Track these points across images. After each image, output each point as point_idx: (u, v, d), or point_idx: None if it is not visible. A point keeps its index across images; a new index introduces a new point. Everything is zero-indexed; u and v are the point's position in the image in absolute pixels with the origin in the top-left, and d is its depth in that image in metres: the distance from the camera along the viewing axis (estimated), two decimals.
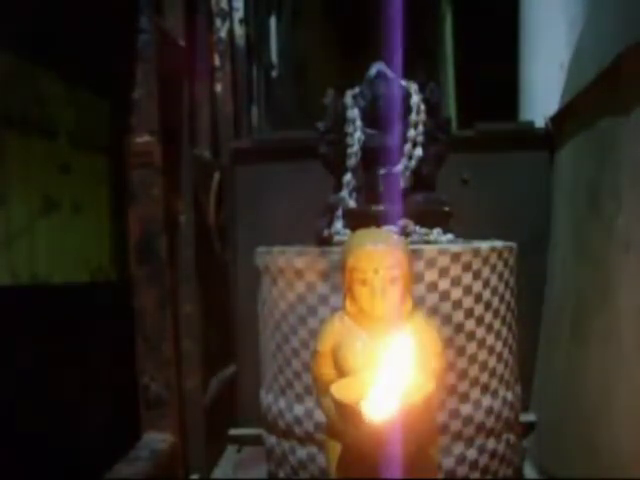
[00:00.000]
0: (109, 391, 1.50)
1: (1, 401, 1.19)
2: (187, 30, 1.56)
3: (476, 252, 1.31)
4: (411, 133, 1.42)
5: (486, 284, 1.32)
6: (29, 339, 1.29)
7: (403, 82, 1.47)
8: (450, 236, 1.42)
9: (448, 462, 1.27)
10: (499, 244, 1.37)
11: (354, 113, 1.44)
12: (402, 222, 1.36)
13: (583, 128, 1.60)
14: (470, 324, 1.30)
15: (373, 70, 1.46)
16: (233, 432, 1.88)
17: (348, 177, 1.44)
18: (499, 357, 1.34)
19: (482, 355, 1.31)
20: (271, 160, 1.94)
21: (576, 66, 1.77)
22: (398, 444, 0.86)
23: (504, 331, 1.36)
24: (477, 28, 3.38)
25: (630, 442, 1.14)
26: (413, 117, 1.43)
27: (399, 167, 1.41)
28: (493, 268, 1.33)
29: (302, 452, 1.33)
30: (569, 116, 1.75)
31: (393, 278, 0.99)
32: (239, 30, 2.17)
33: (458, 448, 1.29)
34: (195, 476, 1.51)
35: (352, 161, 1.43)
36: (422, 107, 1.44)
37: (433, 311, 1.26)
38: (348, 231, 1.36)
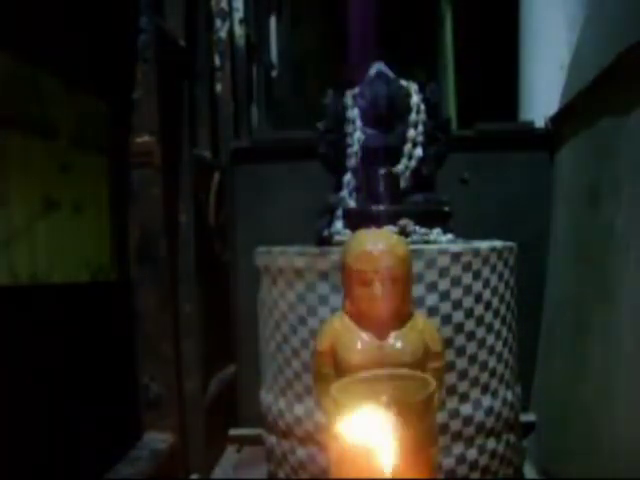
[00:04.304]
0: (109, 391, 1.49)
1: (1, 401, 1.19)
2: (187, 30, 1.56)
3: (476, 252, 1.31)
4: (411, 133, 1.42)
5: (486, 284, 1.32)
6: (29, 339, 1.29)
7: (403, 82, 1.47)
8: (450, 236, 1.42)
9: (448, 462, 1.27)
10: (499, 244, 1.37)
11: (354, 113, 1.44)
12: (402, 222, 1.36)
13: (583, 128, 1.60)
14: (470, 324, 1.30)
15: (373, 70, 1.46)
16: (233, 432, 1.88)
17: (348, 177, 1.44)
18: (499, 357, 1.34)
19: (482, 355, 1.31)
20: (271, 160, 1.94)
21: (576, 66, 1.77)
22: (397, 444, 0.86)
23: (504, 331, 1.36)
24: (477, 28, 3.38)
25: (630, 442, 1.14)
26: (413, 117, 1.43)
27: (399, 167, 1.41)
28: (493, 268, 1.33)
29: (302, 452, 1.33)
30: (569, 116, 1.75)
31: (393, 278, 0.99)
32: (239, 30, 2.17)
33: (458, 448, 1.29)
34: (195, 476, 1.51)
35: (352, 161, 1.43)
36: (422, 107, 1.44)
37: (433, 311, 1.26)
38: (348, 231, 1.36)
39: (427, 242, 1.37)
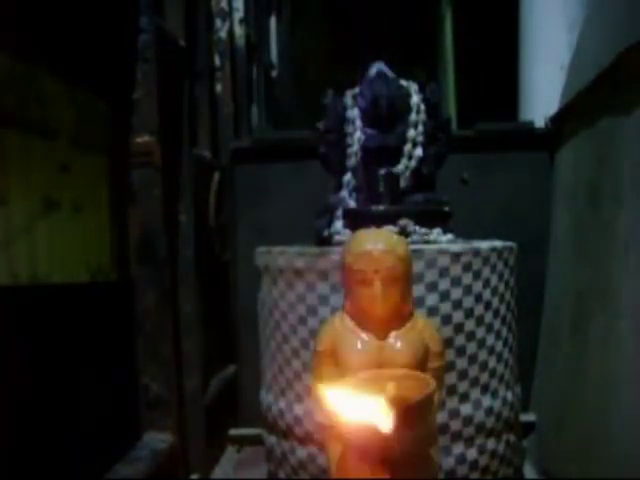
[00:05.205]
0: (109, 391, 1.49)
1: (1, 400, 1.19)
2: (187, 30, 1.56)
3: (476, 252, 1.31)
4: (411, 133, 1.42)
5: (486, 284, 1.32)
6: (29, 339, 1.29)
7: (403, 82, 1.47)
8: (450, 236, 1.42)
9: (448, 462, 1.27)
10: (499, 244, 1.37)
11: (354, 113, 1.44)
12: (402, 222, 1.36)
13: (583, 128, 1.60)
14: (470, 324, 1.30)
15: (373, 70, 1.46)
16: (233, 432, 1.88)
17: (348, 177, 1.44)
18: (499, 357, 1.34)
19: (482, 355, 1.31)
20: (271, 160, 1.94)
21: (576, 66, 1.77)
22: (397, 444, 0.86)
23: (504, 331, 1.36)
24: (477, 28, 3.38)
25: (630, 442, 1.14)
26: (413, 117, 1.43)
27: (399, 167, 1.41)
28: (493, 268, 1.33)
29: (302, 452, 1.33)
30: (569, 116, 1.75)
31: (393, 278, 0.99)
32: (239, 30, 2.17)
33: (458, 448, 1.29)
34: (195, 476, 1.51)
35: (352, 161, 1.43)
36: (422, 107, 1.44)
37: (433, 311, 1.26)
38: (348, 231, 1.36)
39: (427, 242, 1.37)
